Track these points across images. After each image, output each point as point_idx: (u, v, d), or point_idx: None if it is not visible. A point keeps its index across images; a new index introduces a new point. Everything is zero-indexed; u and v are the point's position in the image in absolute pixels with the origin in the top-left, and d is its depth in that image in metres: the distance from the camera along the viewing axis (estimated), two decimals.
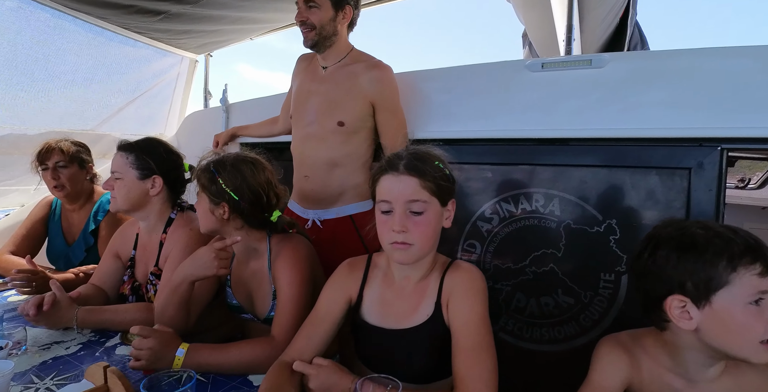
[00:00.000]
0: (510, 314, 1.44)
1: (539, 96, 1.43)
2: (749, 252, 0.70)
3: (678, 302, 0.74)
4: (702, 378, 0.79)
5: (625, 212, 1.31)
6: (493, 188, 1.48)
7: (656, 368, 0.82)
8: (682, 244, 0.74)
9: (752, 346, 0.70)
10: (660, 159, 1.28)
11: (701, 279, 0.71)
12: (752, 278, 0.69)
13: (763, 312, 0.70)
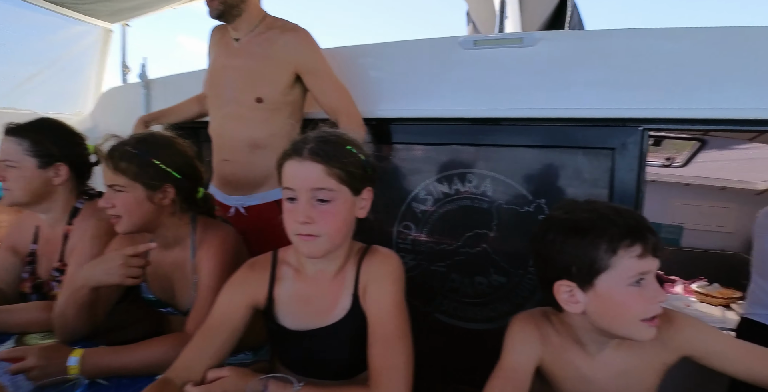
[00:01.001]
0: (445, 294, 1.45)
1: (472, 74, 1.40)
2: (629, 235, 0.71)
3: (565, 287, 0.75)
4: (600, 353, 0.82)
5: (553, 191, 1.33)
6: (427, 168, 1.46)
7: (562, 344, 0.84)
8: (566, 228, 0.74)
9: (634, 325, 0.73)
10: (586, 139, 1.30)
11: (585, 264, 0.72)
12: (632, 260, 0.71)
13: (643, 292, 0.72)
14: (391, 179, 1.50)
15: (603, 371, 0.84)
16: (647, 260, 0.72)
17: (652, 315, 0.73)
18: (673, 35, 1.24)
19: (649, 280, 0.74)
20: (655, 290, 0.74)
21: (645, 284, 0.73)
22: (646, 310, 0.73)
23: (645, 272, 0.73)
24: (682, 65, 1.23)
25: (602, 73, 1.28)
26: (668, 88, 1.24)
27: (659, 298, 0.74)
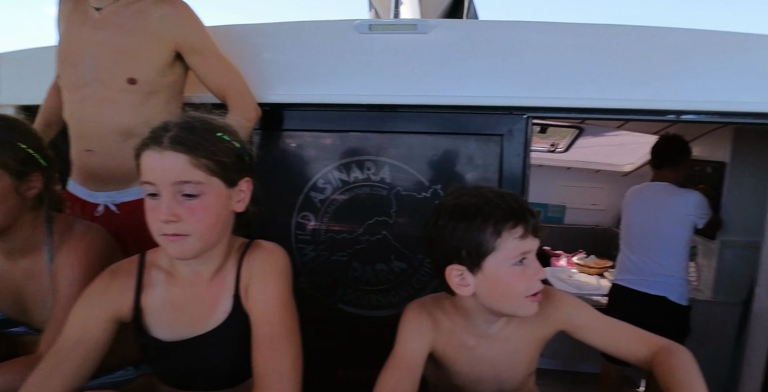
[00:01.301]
0: (348, 283, 1.43)
1: (368, 60, 1.37)
2: (512, 217, 0.74)
3: (456, 271, 0.77)
4: (489, 333, 0.87)
5: (448, 177, 1.37)
6: (325, 156, 1.41)
7: (453, 328, 0.87)
8: (456, 213, 0.76)
9: (519, 301, 0.78)
10: (477, 126, 1.35)
11: (473, 247, 0.75)
12: (515, 241, 0.75)
13: (525, 270, 0.77)
14: (287, 167, 1.43)
15: (493, 349, 0.88)
16: (528, 241, 0.77)
17: (535, 291, 0.79)
18: (556, 30, 1.32)
19: (531, 259, 0.79)
20: (536, 268, 0.79)
21: (527, 263, 0.78)
22: (529, 287, 0.78)
23: (527, 251, 0.77)
24: (563, 58, 1.32)
25: (492, 62, 1.33)
26: (550, 79, 1.32)
27: (539, 275, 0.79)
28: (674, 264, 1.96)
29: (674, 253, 1.96)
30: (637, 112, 1.33)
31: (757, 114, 1.30)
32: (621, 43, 1.31)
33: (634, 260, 2.05)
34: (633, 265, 2.05)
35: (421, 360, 0.82)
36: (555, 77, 1.32)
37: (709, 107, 1.30)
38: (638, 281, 2.01)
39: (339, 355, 1.46)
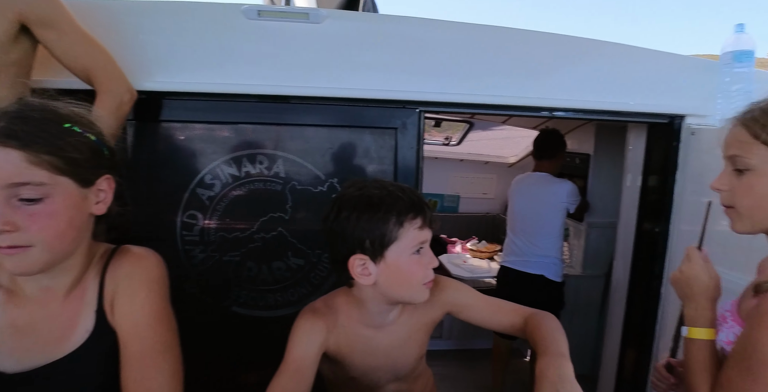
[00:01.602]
0: (242, 285, 1.35)
1: (258, 48, 1.29)
2: (413, 209, 0.79)
3: (359, 260, 0.79)
4: (385, 323, 0.90)
5: (345, 170, 1.35)
6: (212, 150, 1.31)
7: (349, 323, 0.88)
8: (360, 204, 0.78)
9: (416, 289, 0.82)
10: (372, 119, 1.35)
11: (377, 236, 0.77)
12: (415, 231, 0.79)
13: (422, 259, 0.82)
14: (170, 163, 1.30)
15: (388, 338, 0.91)
16: (425, 231, 0.82)
17: (430, 278, 0.84)
18: (449, 28, 1.37)
19: (426, 248, 0.84)
20: (431, 256, 0.85)
21: (423, 252, 0.83)
22: (426, 275, 0.83)
23: (423, 241, 0.82)
24: (454, 56, 1.37)
25: (386, 56, 1.34)
26: (442, 75, 1.37)
27: (433, 263, 0.85)
28: (551, 246, 2.20)
29: (551, 236, 2.20)
30: (518, 108, 1.43)
31: (613, 112, 1.48)
32: (506, 44, 1.41)
33: (518, 244, 2.26)
34: (516, 248, 2.26)
35: (312, 361, 0.82)
36: (446, 74, 1.37)
37: (576, 105, 1.45)
38: (521, 262, 2.22)
39: (238, 360, 1.38)
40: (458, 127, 3.61)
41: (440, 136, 3.86)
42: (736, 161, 0.73)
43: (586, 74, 1.46)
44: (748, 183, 0.71)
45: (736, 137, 0.73)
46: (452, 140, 3.62)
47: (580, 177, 2.67)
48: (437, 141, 3.63)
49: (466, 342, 2.95)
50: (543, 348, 0.77)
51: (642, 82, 1.50)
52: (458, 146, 3.65)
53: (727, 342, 0.76)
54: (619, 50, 1.48)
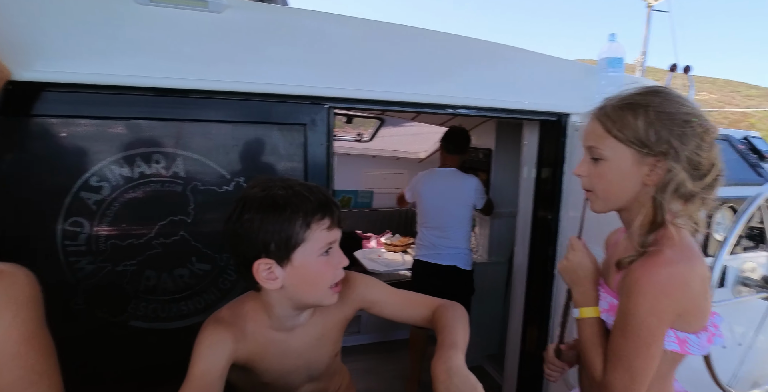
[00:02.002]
0: (141, 296, 1.23)
1: (150, 36, 1.18)
2: (320, 209, 0.77)
3: (264, 265, 0.76)
4: (296, 325, 0.88)
5: (252, 169, 1.29)
6: (98, 148, 1.17)
7: (259, 329, 0.85)
8: (264, 206, 0.75)
9: (324, 291, 0.81)
10: (280, 115, 1.31)
11: (283, 239, 0.74)
12: (323, 232, 0.78)
13: (331, 260, 0.81)
14: (47, 163, 1.14)
15: (301, 339, 0.89)
16: (334, 232, 0.80)
17: (339, 279, 0.82)
18: (359, 25, 1.36)
19: (336, 248, 0.82)
20: (340, 256, 0.83)
21: (332, 252, 0.81)
22: (335, 276, 0.81)
23: (332, 242, 0.81)
24: (363, 52, 1.37)
25: (293, 51, 1.30)
26: (351, 71, 1.36)
27: (343, 263, 0.83)
28: (461, 238, 2.32)
29: (461, 229, 2.32)
30: (425, 105, 1.48)
31: (510, 110, 1.59)
32: (413, 43, 1.44)
33: (430, 238, 2.35)
34: (429, 242, 2.35)
35: (218, 376, 0.78)
36: (356, 70, 1.37)
37: (477, 103, 1.54)
38: (434, 255, 2.32)
39: (141, 379, 1.26)
40: (370, 123, 3.64)
41: (353, 132, 3.87)
42: (592, 151, 0.83)
43: (486, 75, 1.56)
44: (602, 170, 0.82)
45: (592, 130, 0.84)
46: (364, 136, 3.65)
47: (483, 171, 2.85)
48: (350, 137, 3.63)
49: (385, 334, 3.01)
50: (440, 341, 0.81)
51: (534, 83, 1.64)
52: (370, 142, 3.69)
53: (602, 310, 0.87)
54: (516, 54, 1.60)
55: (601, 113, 0.83)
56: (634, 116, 0.78)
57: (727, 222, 1.29)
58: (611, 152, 0.81)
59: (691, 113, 0.78)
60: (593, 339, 0.86)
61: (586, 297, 0.89)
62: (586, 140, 0.85)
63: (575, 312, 0.90)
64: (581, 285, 0.90)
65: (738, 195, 1.32)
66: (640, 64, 3.18)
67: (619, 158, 0.80)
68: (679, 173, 0.76)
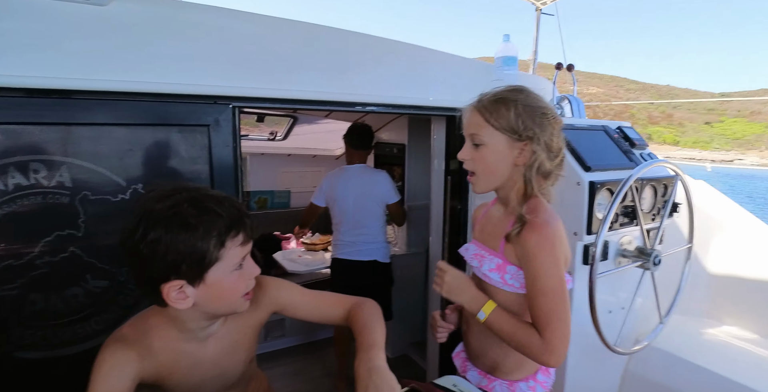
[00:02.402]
0: (26, 323, 1.10)
1: (25, 29, 1.04)
2: (234, 225, 0.75)
3: (174, 286, 0.72)
4: (208, 334, 0.85)
5: (151, 174, 1.20)
6: None
7: (168, 343, 0.81)
8: (173, 225, 0.70)
9: (238, 301, 0.80)
10: (181, 116, 1.23)
11: (195, 260, 0.71)
12: (237, 249, 0.76)
13: (244, 272, 0.80)
14: None
15: (214, 348, 0.87)
16: (247, 245, 0.79)
17: (251, 287, 0.82)
18: (261, 22, 1.32)
19: (248, 260, 0.81)
20: (252, 266, 0.81)
21: (244, 265, 0.80)
22: (247, 286, 0.81)
23: (246, 255, 0.79)
24: (268, 50, 1.34)
25: (190, 48, 1.22)
26: (255, 69, 1.32)
27: (255, 272, 0.82)
28: (377, 232, 2.36)
29: (377, 223, 2.36)
30: (335, 103, 1.48)
31: (418, 106, 1.66)
32: (319, 41, 1.44)
33: (347, 236, 2.36)
34: (347, 240, 2.36)
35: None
36: (260, 69, 1.33)
37: (386, 100, 1.57)
38: (353, 252, 2.34)
39: None
40: (284, 121, 3.55)
41: (265, 131, 3.75)
42: (474, 137, 0.96)
43: (394, 72, 1.60)
44: (483, 154, 0.96)
45: (473, 120, 0.97)
46: (278, 134, 3.55)
47: (398, 165, 2.93)
48: (262, 136, 3.52)
49: (309, 335, 2.98)
50: (359, 341, 0.84)
51: (439, 81, 1.72)
52: (285, 140, 3.60)
53: (490, 270, 0.99)
54: (421, 52, 1.66)
55: (479, 106, 0.96)
56: (506, 108, 0.93)
57: (606, 202, 1.47)
58: (489, 138, 0.95)
59: (547, 106, 0.96)
60: (509, 322, 0.94)
61: (477, 300, 0.98)
62: (467, 129, 0.98)
63: (481, 316, 0.96)
64: (467, 293, 0.99)
65: (614, 178, 1.51)
66: (533, 62, 3.53)
67: (496, 143, 0.94)
68: (541, 154, 0.93)
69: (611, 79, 41.68)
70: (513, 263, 0.97)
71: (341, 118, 3.22)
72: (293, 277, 2.95)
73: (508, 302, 1.00)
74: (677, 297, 1.73)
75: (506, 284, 0.97)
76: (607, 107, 28.11)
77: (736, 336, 2.10)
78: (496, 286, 0.99)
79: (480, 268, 1.02)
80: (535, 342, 0.91)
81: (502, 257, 0.98)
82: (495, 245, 1.01)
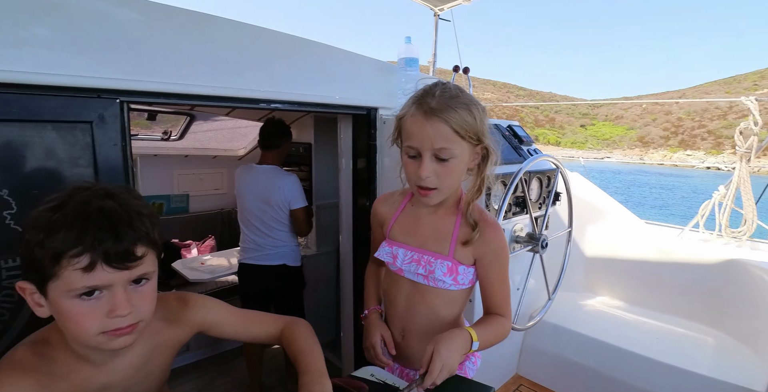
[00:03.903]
0: None
1: None
2: (78, 243, 0.61)
3: (29, 288, 0.66)
4: (114, 355, 0.76)
5: (20, 178, 1.04)
6: None
7: (69, 366, 0.71)
8: (30, 221, 0.64)
9: (90, 337, 0.66)
10: (56, 111, 1.09)
11: (33, 267, 0.63)
12: (75, 272, 0.61)
13: (96, 307, 0.64)
14: None
15: (122, 373, 0.77)
16: (97, 275, 0.63)
17: (111, 328, 0.67)
18: (157, 10, 1.21)
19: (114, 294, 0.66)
20: (114, 304, 0.66)
21: (102, 297, 0.65)
22: (102, 324, 0.65)
23: (97, 286, 0.64)
24: (164, 41, 1.23)
25: (70, 34, 1.08)
26: (148, 61, 1.21)
27: (119, 312, 0.66)
28: (286, 236, 2.29)
29: (284, 226, 2.28)
30: (237, 100, 1.42)
31: (324, 105, 1.65)
32: (224, 34, 1.36)
33: (254, 239, 2.26)
34: (253, 243, 2.26)
35: None
36: (155, 60, 1.22)
37: (292, 97, 1.55)
38: (261, 256, 2.25)
39: None
40: (178, 120, 3.31)
41: (157, 130, 3.45)
42: (442, 152, 0.88)
43: (300, 70, 1.58)
44: (452, 167, 0.90)
45: (439, 132, 0.87)
46: (172, 134, 3.29)
47: (305, 165, 2.89)
48: (155, 136, 3.23)
49: (215, 347, 2.82)
50: (304, 366, 0.82)
51: (345, 79, 1.73)
52: (180, 140, 3.35)
53: (444, 274, 1.00)
54: (327, 50, 1.66)
55: (444, 116, 0.86)
56: (470, 114, 0.88)
57: (500, 193, 1.61)
58: (459, 150, 0.89)
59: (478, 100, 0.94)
60: (488, 331, 1.00)
61: (465, 344, 0.93)
62: (435, 142, 0.87)
63: (475, 346, 0.95)
64: (459, 348, 0.92)
65: (506, 172, 1.66)
66: (432, 64, 3.73)
67: (463, 153, 0.90)
68: (493, 153, 0.94)
69: (503, 86, 46.16)
70: (463, 263, 1.01)
71: (244, 117, 3.09)
72: (196, 286, 2.76)
73: (451, 299, 1.05)
74: (562, 275, 1.95)
75: (458, 284, 1.02)
76: (501, 111, 31.25)
77: (608, 304, 2.44)
78: (443, 288, 1.03)
79: (431, 274, 1.01)
80: (507, 325, 1.03)
81: (451, 260, 1.00)
82: (441, 249, 1.01)
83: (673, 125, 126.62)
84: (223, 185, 3.63)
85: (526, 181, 1.71)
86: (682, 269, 2.34)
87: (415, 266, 1.03)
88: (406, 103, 0.96)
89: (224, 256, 2.91)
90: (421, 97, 0.92)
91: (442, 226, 1.02)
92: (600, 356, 1.97)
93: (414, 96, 0.95)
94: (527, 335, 2.18)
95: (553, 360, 2.12)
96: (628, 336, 2.03)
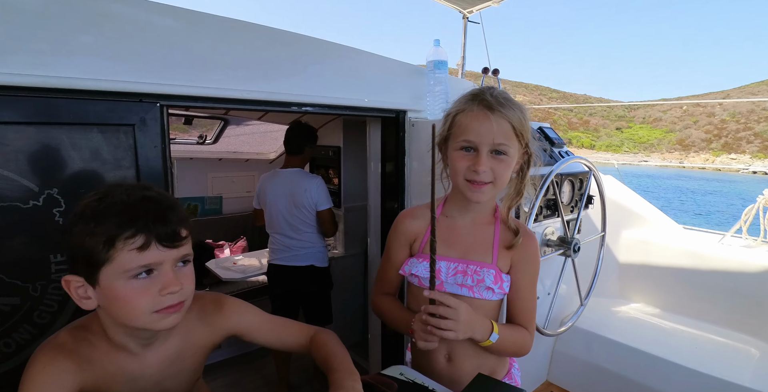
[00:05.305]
0: None
1: None
2: (130, 225, 0.66)
3: (75, 282, 0.69)
4: (149, 348, 0.79)
5: (68, 178, 1.11)
6: None
7: (107, 355, 0.75)
8: (76, 216, 0.68)
9: (143, 316, 0.70)
10: (101, 115, 1.15)
11: (84, 257, 0.67)
12: (131, 253, 0.66)
13: (149, 284, 0.69)
14: None
15: (156, 364, 0.81)
16: (150, 253, 0.69)
17: (163, 306, 0.71)
18: (195, 18, 1.26)
19: (162, 271, 0.72)
20: (166, 281, 0.71)
21: (153, 276, 0.70)
22: (154, 303, 0.70)
23: (149, 264, 0.69)
24: (198, 47, 1.28)
25: (114, 42, 1.14)
26: (186, 67, 1.26)
27: (170, 289, 0.71)
28: (314, 238, 2.33)
29: (311, 228, 2.32)
30: (270, 103, 1.46)
31: (354, 108, 1.67)
32: (257, 40, 1.40)
33: (283, 241, 2.31)
34: (282, 245, 2.31)
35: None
36: (192, 65, 1.28)
37: (322, 101, 1.58)
38: (289, 257, 2.29)
39: None
40: (213, 124, 3.42)
41: (193, 134, 3.57)
42: (500, 147, 0.91)
43: (330, 73, 1.60)
44: (507, 164, 0.93)
45: (501, 129, 0.90)
46: (207, 138, 3.41)
47: (334, 168, 2.93)
48: (191, 140, 3.35)
49: (245, 345, 2.88)
50: (336, 363, 0.83)
51: (374, 83, 1.75)
52: (215, 144, 3.46)
53: (493, 283, 0.98)
54: (357, 54, 1.69)
55: (507, 112, 0.91)
56: (523, 116, 0.93)
57: (531, 196, 1.59)
58: (513, 149, 0.93)
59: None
60: (509, 331, 0.98)
61: (485, 328, 0.93)
62: (496, 138, 0.90)
63: (493, 338, 0.93)
64: (477, 324, 0.91)
65: (537, 174, 1.63)
66: (461, 67, 3.70)
67: (515, 152, 0.94)
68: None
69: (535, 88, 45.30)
70: (503, 270, 1.01)
71: (275, 120, 3.16)
72: (228, 285, 2.84)
73: (491, 310, 1.03)
74: (595, 281, 1.90)
75: (503, 292, 1.00)
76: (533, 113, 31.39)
77: (643, 311, 2.35)
78: (486, 299, 0.99)
79: (480, 283, 0.97)
80: (528, 341, 0.99)
81: (494, 268, 0.99)
82: (484, 258, 1.00)
83: (716, 128, 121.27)
84: (254, 188, 3.71)
85: (558, 183, 1.68)
86: (722, 275, 2.23)
87: (461, 277, 0.99)
88: (458, 100, 0.98)
89: (255, 257, 2.98)
90: (477, 95, 0.94)
91: (481, 234, 1.01)
92: (634, 364, 1.90)
93: (467, 94, 0.97)
94: (558, 341, 2.13)
95: (584, 367, 2.06)
96: (664, 343, 1.95)
